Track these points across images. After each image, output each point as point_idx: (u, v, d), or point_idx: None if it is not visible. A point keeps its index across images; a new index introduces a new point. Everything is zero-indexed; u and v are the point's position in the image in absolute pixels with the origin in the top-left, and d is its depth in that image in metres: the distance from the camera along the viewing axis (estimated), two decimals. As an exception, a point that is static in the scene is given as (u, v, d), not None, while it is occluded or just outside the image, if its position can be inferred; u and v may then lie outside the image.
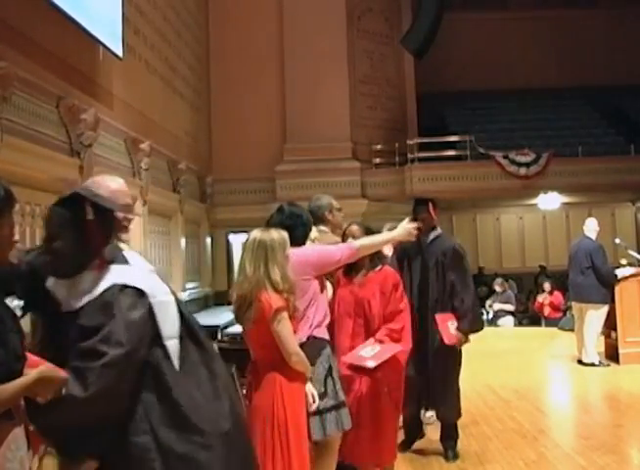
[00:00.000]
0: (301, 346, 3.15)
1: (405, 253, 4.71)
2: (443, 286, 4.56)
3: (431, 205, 4.69)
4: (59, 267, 2.17)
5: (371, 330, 3.74)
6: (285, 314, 3.00)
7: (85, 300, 2.15)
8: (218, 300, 13.16)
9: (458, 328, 4.48)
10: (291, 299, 3.05)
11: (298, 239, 3.43)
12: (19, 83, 6.36)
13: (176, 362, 2.21)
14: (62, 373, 1.99)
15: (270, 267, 3.04)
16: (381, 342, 3.70)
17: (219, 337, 7.97)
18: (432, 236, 4.70)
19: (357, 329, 3.72)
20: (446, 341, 4.40)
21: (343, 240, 3.87)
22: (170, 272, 11.50)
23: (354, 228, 3.92)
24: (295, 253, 3.26)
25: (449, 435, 4.73)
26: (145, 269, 2.32)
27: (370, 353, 3.63)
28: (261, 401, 3.05)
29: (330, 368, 3.39)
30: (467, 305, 4.53)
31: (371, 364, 3.58)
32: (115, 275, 2.19)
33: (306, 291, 3.36)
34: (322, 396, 3.29)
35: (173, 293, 2.35)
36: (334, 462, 3.45)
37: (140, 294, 2.18)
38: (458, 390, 4.72)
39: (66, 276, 2.19)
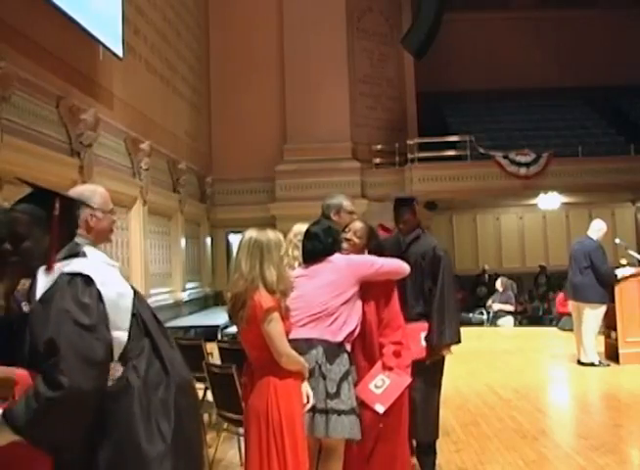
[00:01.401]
0: (323, 347, 3.20)
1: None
2: (421, 291, 4.08)
3: (415, 204, 4.29)
4: (29, 268, 2.12)
5: (367, 337, 3.56)
6: (276, 315, 2.97)
7: (39, 294, 2.11)
8: (218, 300, 13.16)
9: (427, 340, 4.00)
10: (282, 300, 3.03)
11: (335, 249, 3.51)
12: (19, 83, 6.37)
13: (116, 354, 2.17)
14: (16, 373, 1.93)
15: (266, 267, 3.02)
16: (390, 369, 3.48)
17: (219, 337, 7.97)
18: (412, 236, 4.23)
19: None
20: (415, 354, 3.84)
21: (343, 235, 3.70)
22: (170, 272, 11.50)
23: (358, 225, 3.73)
24: (337, 257, 3.42)
25: (427, 455, 4.23)
26: (104, 262, 2.27)
27: (380, 388, 3.46)
28: (256, 402, 3.04)
29: (347, 372, 3.33)
30: (438, 317, 4.00)
31: (380, 409, 3.42)
32: (67, 267, 2.14)
33: (344, 291, 3.34)
34: (333, 396, 3.23)
35: (135, 291, 2.30)
36: (339, 467, 3.41)
37: (88, 281, 2.12)
38: (438, 407, 4.23)
39: (31, 276, 2.15)
